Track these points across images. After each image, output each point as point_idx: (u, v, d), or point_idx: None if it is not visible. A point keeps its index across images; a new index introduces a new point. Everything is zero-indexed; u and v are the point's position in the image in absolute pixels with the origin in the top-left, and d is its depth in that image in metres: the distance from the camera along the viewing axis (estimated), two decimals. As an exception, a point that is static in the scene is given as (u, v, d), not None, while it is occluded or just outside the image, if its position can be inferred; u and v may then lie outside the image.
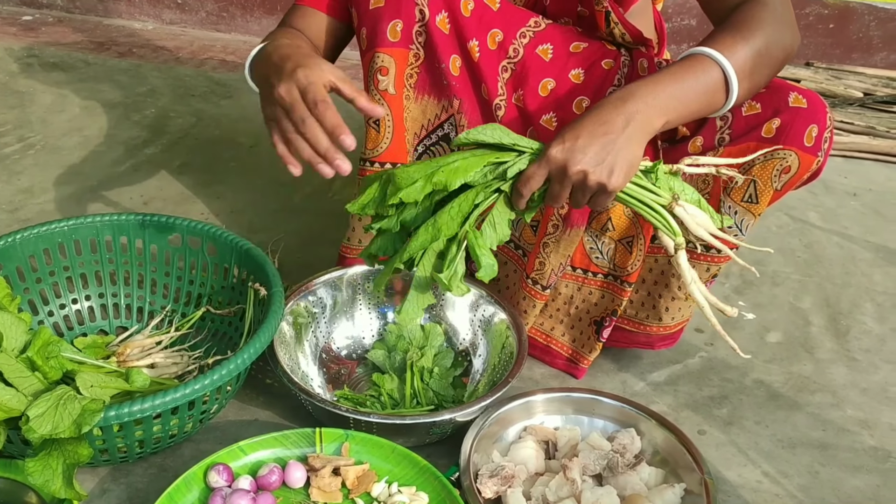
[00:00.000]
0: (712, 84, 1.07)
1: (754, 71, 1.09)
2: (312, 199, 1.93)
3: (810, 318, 1.63)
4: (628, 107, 1.01)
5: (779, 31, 1.10)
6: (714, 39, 1.09)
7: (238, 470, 1.06)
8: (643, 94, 1.02)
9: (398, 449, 1.10)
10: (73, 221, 1.34)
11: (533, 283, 1.32)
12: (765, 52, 1.09)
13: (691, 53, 1.08)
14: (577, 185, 1.00)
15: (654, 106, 1.02)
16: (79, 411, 0.90)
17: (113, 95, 2.39)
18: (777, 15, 1.11)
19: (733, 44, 1.07)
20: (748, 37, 1.08)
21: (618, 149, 0.99)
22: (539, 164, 1.00)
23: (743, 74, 1.07)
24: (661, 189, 1.04)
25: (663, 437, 1.19)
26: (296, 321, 1.31)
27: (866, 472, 1.26)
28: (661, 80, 1.04)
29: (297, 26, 1.27)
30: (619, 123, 1.00)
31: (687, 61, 1.07)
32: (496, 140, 1.01)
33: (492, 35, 1.26)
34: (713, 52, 1.06)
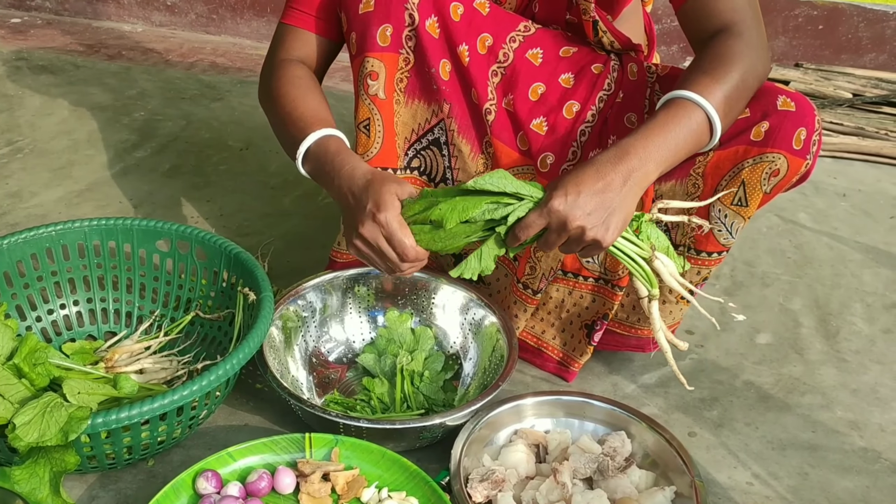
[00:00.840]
0: (697, 128, 1.10)
1: (732, 106, 1.13)
2: (302, 203, 1.92)
3: (800, 320, 1.64)
4: (626, 164, 1.04)
5: (753, 61, 1.13)
6: (693, 81, 1.11)
7: (227, 476, 1.06)
8: (638, 151, 1.05)
9: (388, 454, 1.09)
10: (62, 226, 1.33)
11: (524, 287, 1.32)
12: (741, 85, 1.12)
13: (674, 97, 1.10)
14: (573, 238, 1.04)
15: (649, 161, 1.06)
16: (66, 419, 0.90)
17: (102, 98, 2.38)
18: (752, 45, 1.14)
19: (712, 84, 1.10)
20: (726, 73, 1.11)
21: (615, 207, 1.03)
22: (540, 214, 1.03)
23: (723, 113, 1.11)
24: (643, 241, 1.10)
25: (654, 440, 1.19)
26: (285, 325, 1.31)
27: (856, 474, 1.26)
28: (651, 134, 1.07)
29: (299, 53, 1.30)
30: (618, 182, 1.03)
31: (672, 109, 1.10)
32: (500, 189, 1.04)
33: (481, 39, 1.25)
34: (695, 97, 1.08)
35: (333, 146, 1.16)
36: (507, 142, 1.30)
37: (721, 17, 1.16)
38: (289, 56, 1.30)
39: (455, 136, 1.29)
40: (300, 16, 1.29)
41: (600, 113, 1.27)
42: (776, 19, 2.70)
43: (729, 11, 1.15)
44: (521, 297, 1.33)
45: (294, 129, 1.19)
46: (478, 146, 1.30)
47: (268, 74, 1.30)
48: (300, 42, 1.30)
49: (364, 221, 1.08)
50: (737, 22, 1.15)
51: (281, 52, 1.30)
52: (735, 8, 1.15)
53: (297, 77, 1.26)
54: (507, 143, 1.30)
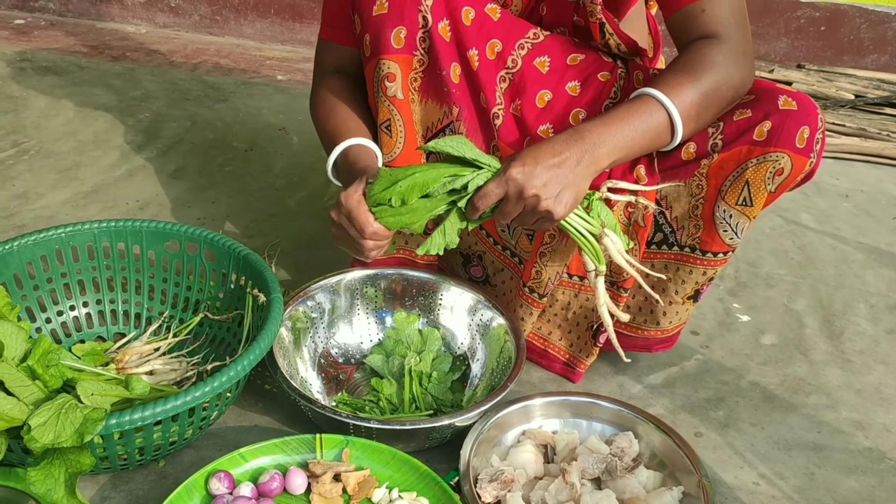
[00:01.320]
0: (657, 126, 1.14)
1: (701, 112, 1.16)
2: (308, 203, 1.93)
3: (804, 320, 1.65)
4: (580, 146, 1.11)
5: (731, 71, 1.16)
6: (664, 80, 1.15)
7: (239, 477, 1.07)
8: (593, 135, 1.12)
9: (398, 454, 1.10)
10: (71, 228, 1.34)
11: (530, 290, 1.33)
12: (713, 93, 1.15)
13: (640, 94, 1.15)
14: (528, 208, 1.10)
15: (604, 147, 1.12)
16: (80, 420, 0.91)
17: (107, 99, 2.39)
18: (731, 54, 1.16)
19: (680, 86, 1.14)
20: (697, 79, 1.14)
21: (568, 182, 1.10)
22: (498, 183, 1.10)
23: (688, 117, 1.14)
24: (594, 218, 1.16)
25: (661, 440, 1.20)
26: (294, 326, 1.31)
27: (861, 473, 1.27)
28: (611, 122, 1.13)
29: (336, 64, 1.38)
30: (572, 160, 1.10)
31: (636, 103, 1.15)
32: (459, 153, 1.11)
33: (491, 45, 1.26)
34: (660, 95, 1.13)
35: (350, 157, 1.25)
36: (514, 146, 1.30)
37: (705, 27, 1.19)
38: (324, 69, 1.39)
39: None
40: (329, 30, 1.36)
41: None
42: (778, 21, 2.71)
43: (713, 23, 1.18)
44: (526, 300, 1.34)
45: (326, 146, 1.32)
46: (485, 150, 1.31)
47: (312, 91, 1.41)
48: (333, 55, 1.37)
49: (334, 207, 1.18)
50: (720, 33, 1.18)
51: (319, 67, 1.40)
52: (720, 21, 1.18)
53: (329, 92, 1.36)
54: (514, 148, 1.30)
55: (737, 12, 1.19)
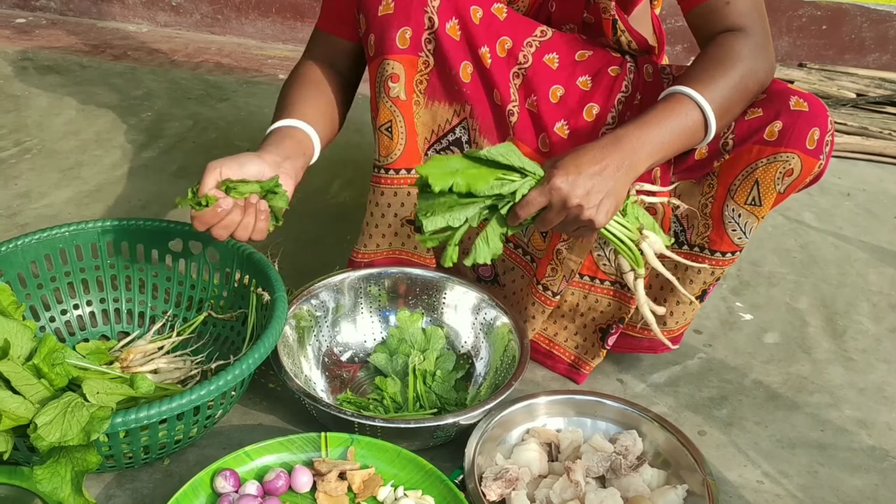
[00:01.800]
0: (692, 124, 1.13)
1: (731, 106, 1.16)
2: (310, 202, 1.93)
3: (807, 319, 1.65)
4: (620, 151, 1.08)
5: (755, 63, 1.16)
6: (694, 77, 1.14)
7: (244, 475, 1.07)
8: (632, 140, 1.09)
9: (403, 453, 1.10)
10: (75, 227, 1.34)
11: (544, 288, 1.32)
12: (741, 86, 1.15)
13: (673, 92, 1.13)
14: (570, 217, 1.06)
15: (643, 151, 1.09)
16: (87, 419, 0.91)
17: (109, 99, 2.39)
18: (756, 47, 1.17)
19: (712, 82, 1.13)
20: (726, 73, 1.14)
21: (610, 190, 1.06)
22: (541, 192, 1.05)
23: (720, 112, 1.14)
24: (630, 222, 1.13)
25: (665, 439, 1.20)
26: (299, 324, 1.31)
27: (865, 472, 1.27)
28: (647, 125, 1.11)
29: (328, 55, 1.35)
30: (612, 167, 1.07)
31: (670, 103, 1.13)
32: (508, 161, 1.05)
33: (501, 42, 1.26)
34: (693, 93, 1.12)
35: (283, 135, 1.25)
36: (529, 143, 1.30)
37: (728, 20, 1.18)
38: (309, 58, 1.35)
39: (477, 136, 1.30)
40: (329, 21, 1.33)
41: (620, 115, 1.28)
42: (780, 19, 2.71)
43: (736, 16, 1.18)
44: (539, 298, 1.33)
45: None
46: (499, 146, 1.31)
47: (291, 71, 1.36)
48: (327, 45, 1.34)
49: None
50: (743, 26, 1.17)
51: (307, 55, 1.36)
52: (743, 13, 1.18)
53: (298, 74, 1.32)
54: (528, 145, 1.30)
55: (758, 4, 1.19)
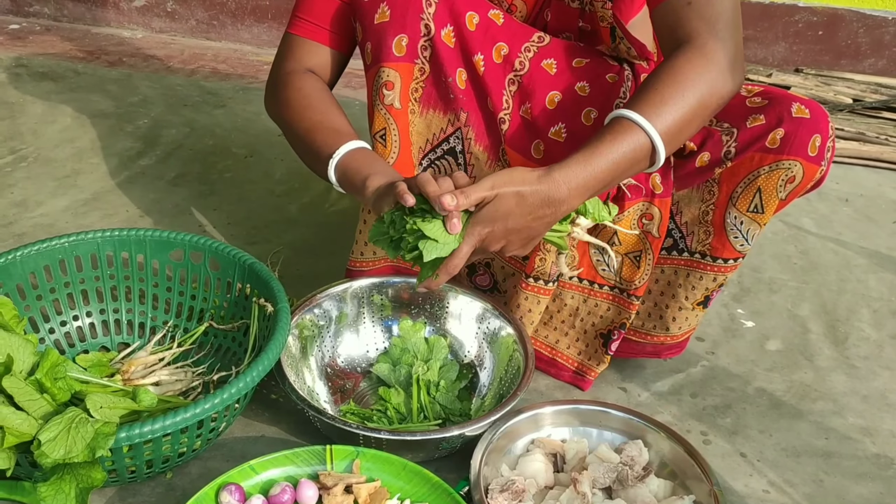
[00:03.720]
0: (638, 154, 1.06)
1: (683, 130, 1.08)
2: (309, 211, 1.92)
3: (809, 326, 1.65)
4: (560, 195, 1.03)
5: (716, 79, 1.07)
6: (644, 99, 1.06)
7: (249, 489, 1.06)
8: (570, 182, 1.03)
9: (409, 465, 1.09)
10: (74, 237, 1.33)
11: (535, 280, 1.32)
12: (696, 107, 1.07)
13: (618, 116, 1.06)
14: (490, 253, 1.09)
15: (583, 192, 1.05)
16: (92, 435, 0.89)
17: (104, 105, 2.37)
18: (718, 60, 1.07)
19: (662, 105, 1.05)
20: (681, 94, 1.05)
21: (537, 234, 1.07)
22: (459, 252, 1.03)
23: (669, 137, 1.06)
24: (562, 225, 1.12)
25: (670, 449, 1.20)
26: (301, 334, 1.30)
27: (870, 480, 1.27)
28: (589, 160, 1.04)
29: (309, 64, 1.30)
30: (546, 217, 1.05)
31: (614, 129, 1.05)
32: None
33: (497, 49, 1.26)
34: (640, 120, 1.04)
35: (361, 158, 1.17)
36: (522, 151, 1.30)
37: (690, 24, 1.09)
38: (299, 67, 1.29)
39: (472, 145, 1.29)
40: (309, 27, 1.29)
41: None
42: (776, 25, 2.72)
43: (697, 20, 1.09)
44: (532, 290, 1.32)
45: (320, 143, 1.20)
46: (494, 154, 1.31)
47: (279, 86, 1.29)
48: (310, 53, 1.30)
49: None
50: (704, 33, 1.08)
51: (290, 63, 1.29)
52: (705, 17, 1.09)
53: (314, 89, 1.27)
54: (520, 153, 1.30)
55: (727, 10, 1.09)
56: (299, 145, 1.25)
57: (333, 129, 1.21)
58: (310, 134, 1.22)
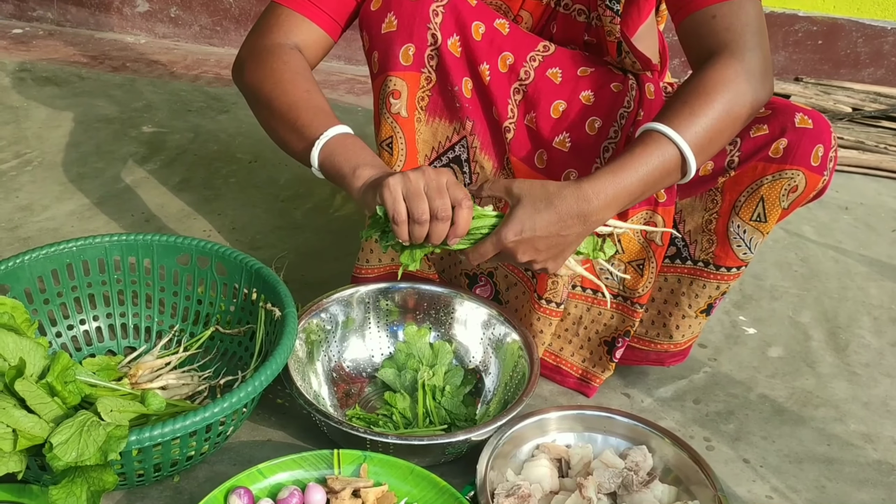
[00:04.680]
0: (669, 166, 1.07)
1: (713, 140, 1.08)
2: (314, 215, 1.93)
3: (810, 333, 1.66)
4: (586, 209, 1.04)
5: (744, 89, 1.08)
6: (672, 111, 1.07)
7: (258, 493, 1.06)
8: (600, 195, 1.04)
9: (416, 470, 1.10)
10: (82, 242, 1.33)
11: (546, 301, 1.33)
12: (726, 117, 1.07)
13: (648, 130, 1.07)
14: (519, 263, 1.08)
15: (613, 205, 1.06)
16: (104, 438, 0.90)
17: (108, 110, 2.38)
18: (744, 71, 1.08)
19: (692, 117, 1.06)
20: (709, 104, 1.06)
21: (567, 245, 1.07)
22: (493, 244, 1.06)
23: (700, 148, 1.07)
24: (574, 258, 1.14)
25: (674, 454, 1.21)
26: (308, 338, 1.31)
27: (872, 486, 1.28)
28: (618, 173, 1.05)
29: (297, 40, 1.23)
30: (576, 229, 1.05)
31: (643, 143, 1.06)
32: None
33: (503, 58, 1.27)
34: (670, 132, 1.05)
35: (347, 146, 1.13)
36: (526, 160, 1.31)
37: (717, 37, 1.11)
38: (286, 41, 1.22)
39: (477, 153, 1.30)
40: (304, 2, 1.22)
41: (622, 130, 1.28)
42: (776, 34, 2.74)
43: (724, 32, 1.10)
44: (544, 312, 1.34)
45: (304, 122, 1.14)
46: (499, 163, 1.32)
47: (262, 56, 1.21)
48: (300, 29, 1.23)
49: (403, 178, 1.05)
50: (731, 44, 1.09)
51: (277, 35, 1.22)
52: (731, 28, 1.10)
53: (301, 67, 1.20)
54: (524, 162, 1.31)
55: (753, 20, 1.10)
56: (276, 122, 1.18)
57: (319, 109, 1.15)
58: (292, 111, 1.15)
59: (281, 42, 1.22)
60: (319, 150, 1.12)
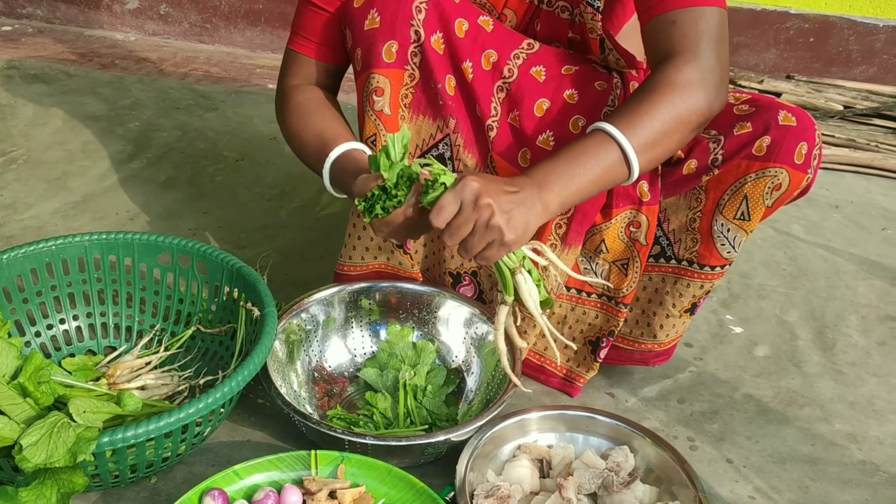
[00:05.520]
0: (610, 163, 1.07)
1: (659, 142, 1.08)
2: (299, 214, 1.92)
3: (797, 332, 1.65)
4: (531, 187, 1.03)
5: (696, 95, 1.08)
6: (620, 112, 1.09)
7: (233, 494, 1.05)
8: (541, 177, 1.04)
9: (394, 471, 1.09)
10: (62, 240, 1.32)
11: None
12: (672, 121, 1.08)
13: (594, 129, 1.08)
14: (480, 222, 0.98)
15: (552, 190, 1.04)
16: (73, 439, 0.89)
17: (96, 108, 2.37)
18: (700, 76, 1.08)
19: (637, 119, 1.06)
20: (655, 109, 1.07)
21: (521, 209, 1.01)
22: (454, 192, 0.98)
23: (643, 149, 1.07)
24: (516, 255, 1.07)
25: (656, 454, 1.20)
26: (288, 338, 1.30)
27: (855, 487, 1.27)
28: (559, 163, 1.05)
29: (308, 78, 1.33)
30: (524, 194, 1.02)
31: (588, 140, 1.07)
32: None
33: (486, 56, 1.26)
34: (614, 131, 1.06)
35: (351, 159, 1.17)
36: (509, 158, 1.30)
37: (673, 42, 1.11)
38: (300, 81, 1.33)
39: (461, 151, 1.30)
40: (303, 42, 1.31)
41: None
42: (768, 32, 2.73)
43: (681, 38, 1.10)
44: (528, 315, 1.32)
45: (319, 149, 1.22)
46: (483, 161, 1.31)
47: (282, 101, 1.33)
48: (306, 68, 1.33)
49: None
50: (686, 50, 1.09)
51: (291, 78, 1.33)
52: (688, 35, 1.10)
53: (312, 100, 1.29)
54: (507, 160, 1.30)
55: (712, 29, 1.10)
56: (304, 154, 1.28)
57: (330, 135, 1.23)
58: (311, 143, 1.25)
59: (295, 84, 1.33)
60: (329, 171, 1.19)
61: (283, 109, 1.31)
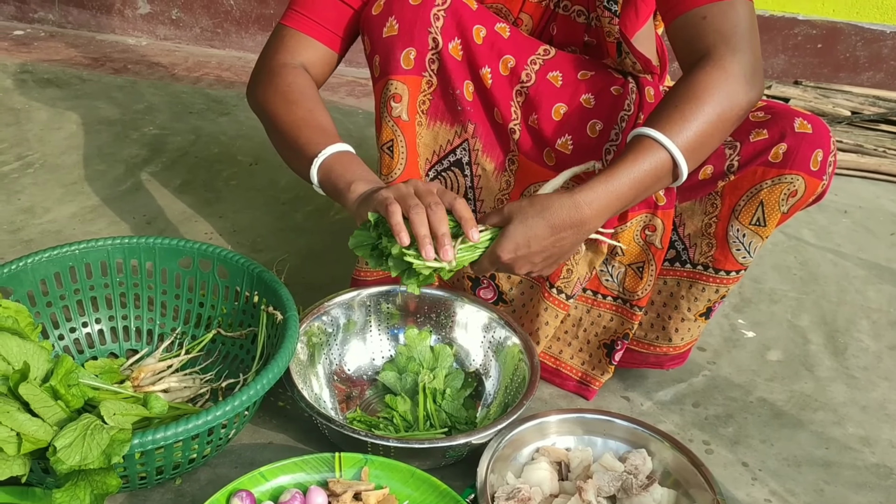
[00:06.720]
0: (660, 170, 1.08)
1: (705, 144, 1.09)
2: (314, 218, 1.93)
3: (809, 336, 1.67)
4: (579, 218, 1.06)
5: (735, 91, 1.08)
6: (663, 116, 1.08)
7: (260, 496, 1.07)
8: (593, 205, 1.06)
9: (417, 473, 1.11)
10: (84, 245, 1.34)
11: (558, 291, 1.33)
12: (716, 121, 1.08)
13: (638, 135, 1.08)
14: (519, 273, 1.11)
15: (606, 212, 1.08)
16: (107, 441, 0.91)
17: (110, 113, 2.39)
18: (736, 72, 1.08)
19: (682, 122, 1.06)
20: (699, 110, 1.06)
21: (562, 254, 1.09)
22: (490, 261, 1.08)
23: (690, 152, 1.08)
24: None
25: (674, 458, 1.21)
26: (310, 341, 1.32)
27: (869, 490, 1.29)
28: (610, 180, 1.06)
29: (302, 59, 1.28)
30: (570, 238, 1.07)
31: (636, 149, 1.07)
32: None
33: (504, 61, 1.28)
34: (660, 137, 1.06)
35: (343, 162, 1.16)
36: (534, 158, 1.31)
37: (707, 38, 1.10)
38: (292, 60, 1.27)
39: (479, 156, 1.31)
40: (306, 21, 1.27)
41: (623, 133, 1.29)
42: (776, 38, 2.75)
43: (714, 33, 1.09)
44: (553, 302, 1.33)
45: (304, 141, 1.18)
46: (501, 165, 1.33)
47: (268, 77, 1.25)
48: (305, 48, 1.27)
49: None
50: (721, 46, 1.09)
51: (283, 55, 1.27)
52: (722, 29, 1.09)
53: (304, 86, 1.25)
54: (534, 160, 1.31)
55: (743, 21, 1.09)
56: (281, 140, 1.23)
57: (320, 127, 1.20)
58: (294, 130, 1.20)
59: (287, 62, 1.27)
60: (318, 168, 1.16)
61: (270, 87, 1.24)
